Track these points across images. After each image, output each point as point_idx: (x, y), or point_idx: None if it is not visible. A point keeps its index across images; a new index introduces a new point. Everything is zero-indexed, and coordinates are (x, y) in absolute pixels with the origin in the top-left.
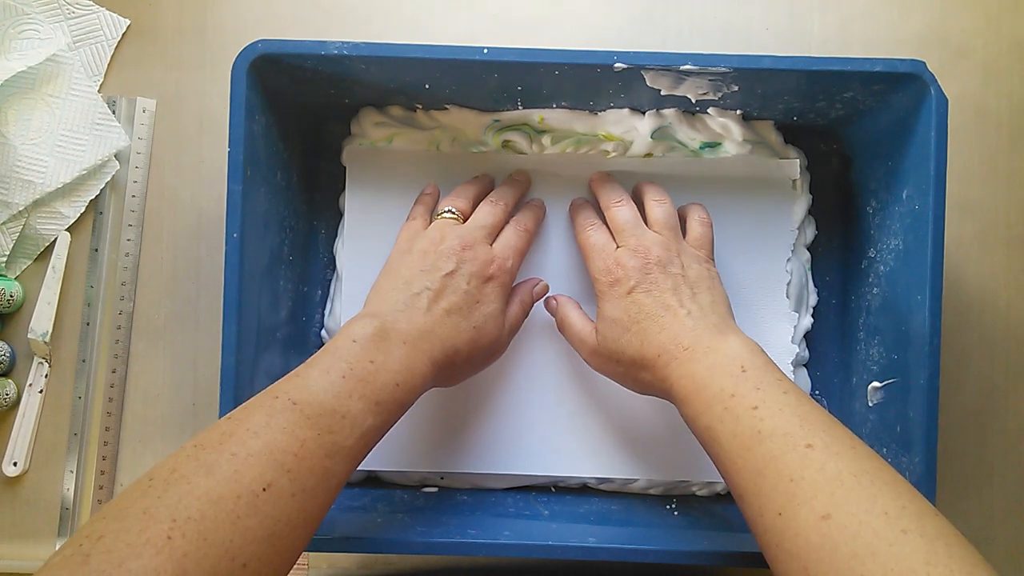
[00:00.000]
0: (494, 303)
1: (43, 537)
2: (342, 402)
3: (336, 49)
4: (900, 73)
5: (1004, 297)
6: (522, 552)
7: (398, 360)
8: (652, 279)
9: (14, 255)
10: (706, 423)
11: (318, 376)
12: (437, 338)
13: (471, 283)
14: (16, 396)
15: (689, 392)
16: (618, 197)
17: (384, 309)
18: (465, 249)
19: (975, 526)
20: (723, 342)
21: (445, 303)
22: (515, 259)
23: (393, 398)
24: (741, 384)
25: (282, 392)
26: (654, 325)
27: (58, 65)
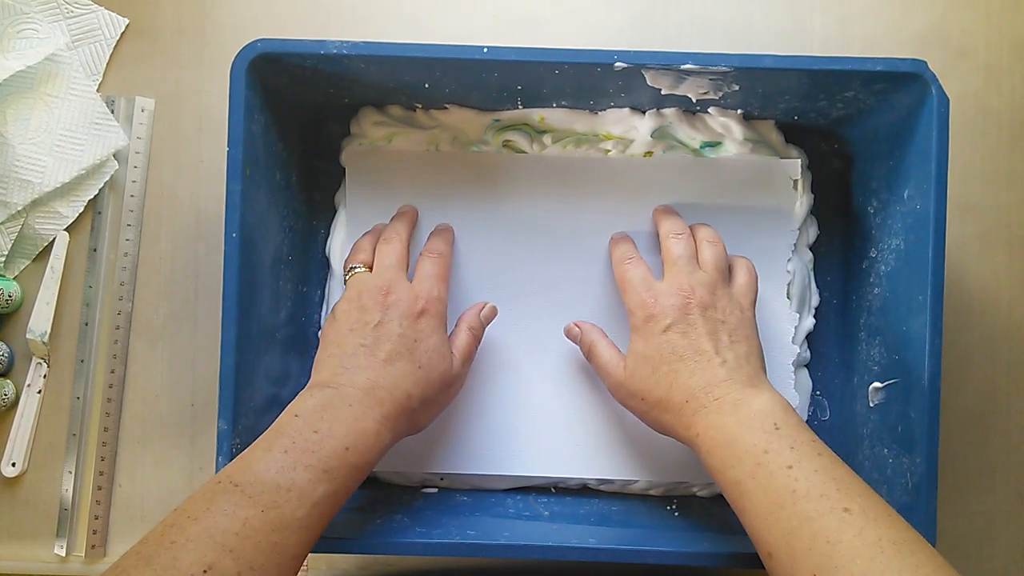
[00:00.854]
0: (433, 335)
1: (42, 538)
2: (286, 475)
3: (335, 48)
4: (901, 73)
5: (1006, 297)
6: (522, 553)
7: (344, 424)
8: (690, 320)
9: (12, 255)
10: (735, 477)
11: (260, 455)
12: (383, 390)
13: (403, 325)
14: (15, 396)
15: (717, 444)
16: (680, 230)
17: (324, 378)
18: (386, 295)
19: (976, 526)
20: (755, 396)
21: (383, 353)
22: (438, 286)
23: (345, 462)
24: (775, 441)
25: (224, 476)
26: (685, 368)
27: (57, 64)
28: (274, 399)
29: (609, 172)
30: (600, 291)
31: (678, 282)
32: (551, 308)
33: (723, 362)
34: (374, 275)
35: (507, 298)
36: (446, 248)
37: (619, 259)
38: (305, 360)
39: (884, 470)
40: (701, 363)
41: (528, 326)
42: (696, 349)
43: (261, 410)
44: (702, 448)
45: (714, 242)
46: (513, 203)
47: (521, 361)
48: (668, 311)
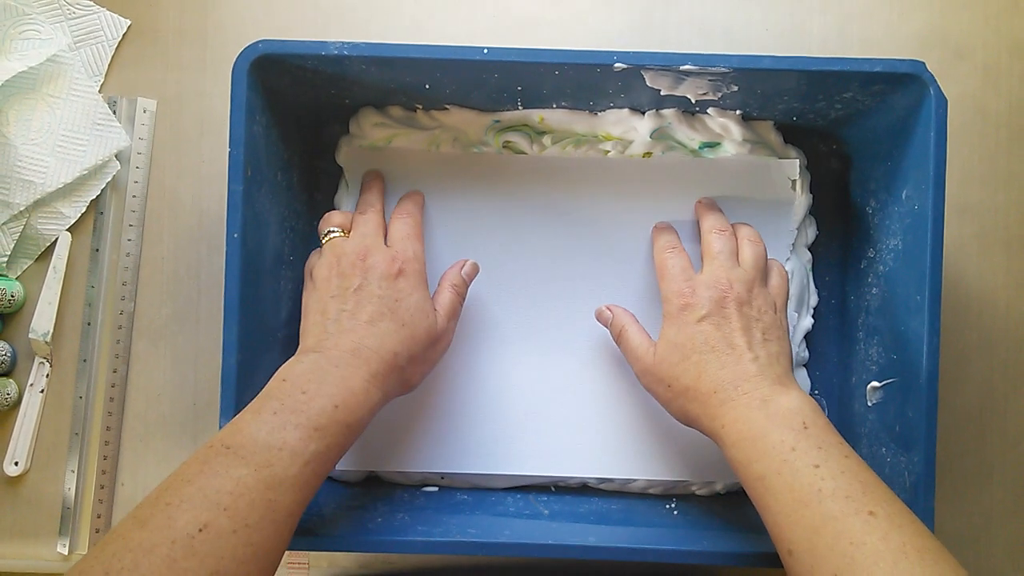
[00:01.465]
0: (414, 293)
1: (44, 537)
2: (276, 435)
3: (336, 49)
4: (900, 73)
5: (1003, 297)
6: (522, 552)
7: (332, 384)
8: (726, 313)
9: (15, 255)
10: (760, 472)
11: (250, 418)
12: (368, 350)
13: (383, 286)
14: (17, 396)
15: (743, 437)
16: (723, 226)
17: (310, 344)
18: (364, 259)
19: (974, 525)
20: (784, 394)
21: (365, 315)
22: (414, 244)
23: (334, 420)
24: (803, 440)
25: (216, 440)
26: (716, 360)
27: (59, 65)
28: None
29: (609, 173)
30: (600, 291)
31: (716, 275)
32: (551, 308)
33: (755, 358)
34: (351, 240)
35: (506, 298)
36: (415, 208)
37: (661, 247)
38: None
39: (882, 469)
40: (733, 357)
41: (528, 326)
42: (729, 342)
43: None
44: (727, 440)
45: (755, 241)
46: (513, 204)
47: (521, 361)
48: (704, 302)
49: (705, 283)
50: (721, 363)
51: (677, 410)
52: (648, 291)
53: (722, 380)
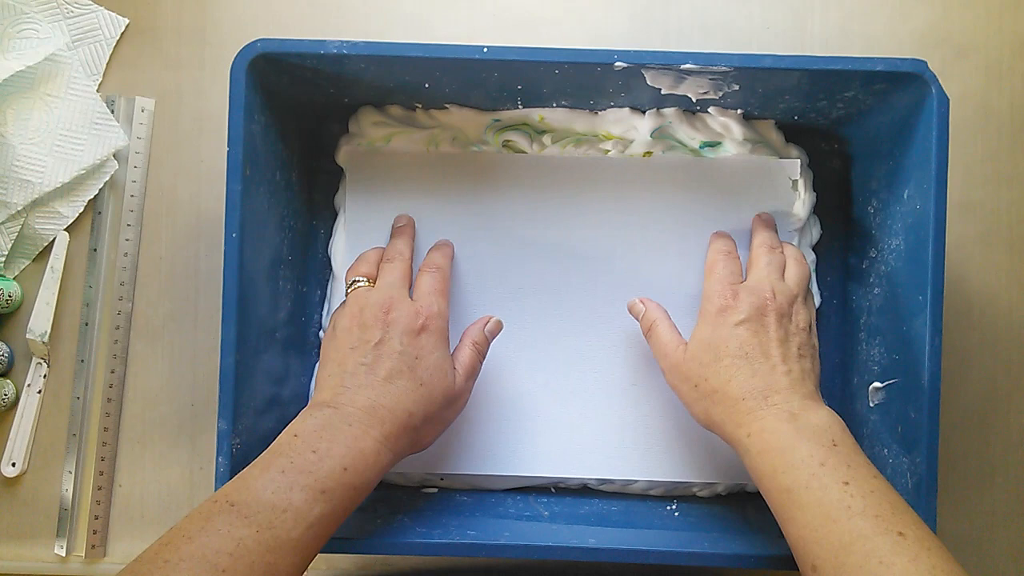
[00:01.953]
0: (435, 351)
1: (42, 538)
2: (282, 496)
3: (335, 48)
4: (901, 72)
5: (1006, 297)
6: (522, 553)
7: (343, 444)
8: (765, 321)
9: (12, 255)
10: (786, 484)
11: (258, 474)
12: (384, 409)
13: (403, 342)
14: (15, 396)
15: (770, 448)
16: (775, 243)
17: (325, 397)
18: (387, 312)
19: (977, 526)
20: (814, 411)
21: (383, 371)
22: (439, 301)
23: (342, 483)
24: (832, 456)
25: (221, 495)
26: (748, 367)
27: (57, 64)
28: (274, 399)
29: (609, 172)
30: (599, 291)
31: (761, 284)
32: (550, 308)
33: (788, 371)
34: (376, 291)
35: (506, 298)
36: (445, 262)
37: (716, 249)
38: (305, 360)
39: (884, 470)
40: (765, 366)
41: (527, 326)
42: (764, 351)
43: (261, 410)
44: (751, 449)
45: (801, 261)
46: (513, 203)
47: (521, 361)
48: (745, 307)
49: (748, 289)
50: (753, 370)
51: (700, 412)
52: (647, 291)
53: (752, 388)
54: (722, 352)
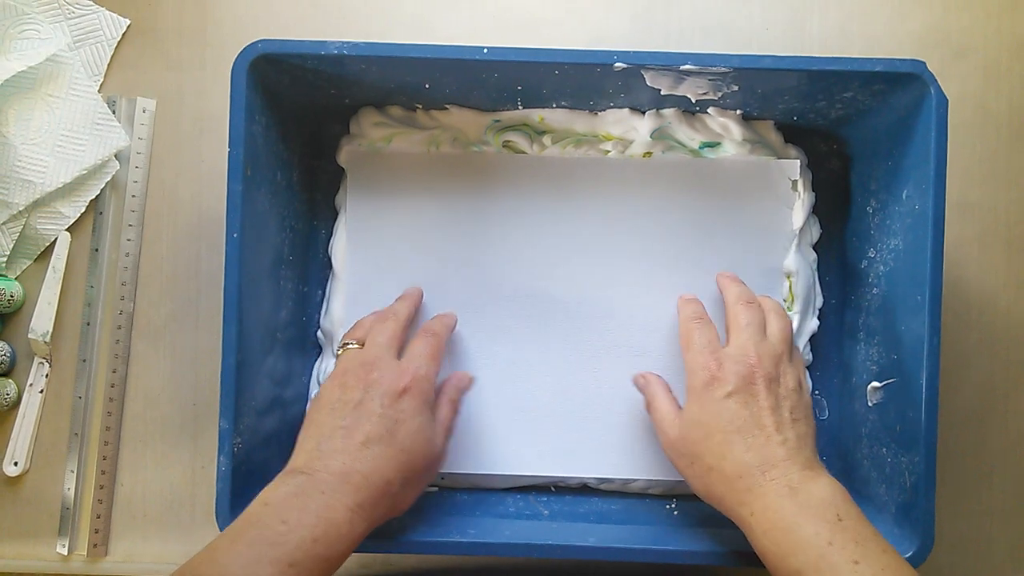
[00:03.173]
0: (418, 416)
1: (44, 537)
2: (250, 570)
3: (336, 49)
4: (900, 73)
5: (1004, 297)
6: (522, 552)
7: (314, 513)
8: (754, 391)
9: (14, 255)
10: (795, 567)
11: (227, 547)
12: (359, 475)
13: (384, 403)
14: (16, 396)
15: (775, 528)
16: (750, 298)
17: (300, 463)
18: (369, 372)
19: (975, 526)
20: (814, 482)
21: (360, 436)
22: (427, 364)
23: (312, 555)
24: (839, 533)
25: (188, 570)
26: (742, 441)
27: (58, 65)
28: (276, 399)
29: (609, 172)
30: (598, 292)
31: (744, 349)
32: (550, 308)
33: (783, 441)
34: (362, 351)
35: (505, 297)
36: (443, 331)
37: (687, 317)
38: (306, 360)
39: (883, 469)
40: (760, 438)
41: (527, 326)
42: (757, 422)
43: (263, 410)
44: (756, 529)
45: (781, 314)
46: (513, 203)
47: (521, 361)
48: (731, 377)
49: (732, 357)
50: (747, 445)
51: (701, 488)
52: (647, 291)
53: (748, 464)
54: (713, 428)
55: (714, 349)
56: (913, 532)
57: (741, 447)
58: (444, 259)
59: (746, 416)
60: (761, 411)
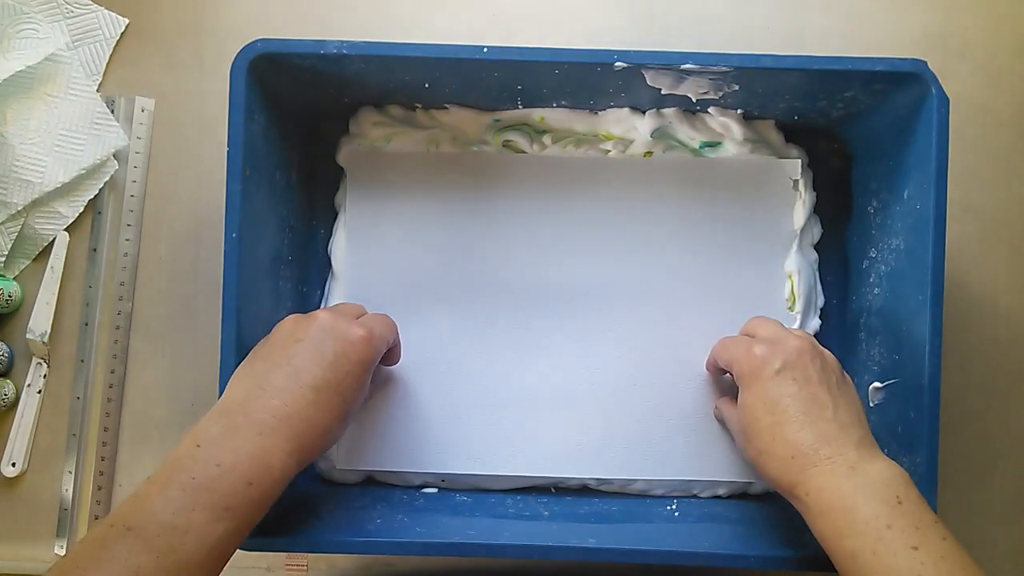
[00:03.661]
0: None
1: (42, 538)
2: (183, 517)
3: (335, 48)
4: (901, 73)
5: (1006, 297)
6: (522, 553)
7: (249, 455)
8: (802, 364)
9: (12, 255)
10: (851, 549)
11: (157, 492)
12: (301, 420)
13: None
14: (14, 396)
15: (832, 508)
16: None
17: (238, 399)
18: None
19: (976, 526)
20: (871, 462)
21: (308, 378)
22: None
23: (247, 499)
24: (899, 517)
25: (118, 519)
26: (794, 420)
27: (57, 64)
28: None
29: (609, 172)
30: (598, 291)
31: (779, 333)
32: (550, 307)
33: (834, 416)
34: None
35: (505, 298)
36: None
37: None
38: None
39: None
40: (812, 415)
41: (526, 326)
42: (810, 397)
43: None
44: (812, 510)
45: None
46: (513, 203)
47: (521, 361)
48: (778, 354)
49: (770, 340)
50: (800, 423)
51: (761, 473)
52: (647, 291)
53: (800, 443)
54: (762, 411)
55: (750, 342)
56: None
57: (793, 426)
58: (443, 258)
59: (797, 391)
60: (812, 385)
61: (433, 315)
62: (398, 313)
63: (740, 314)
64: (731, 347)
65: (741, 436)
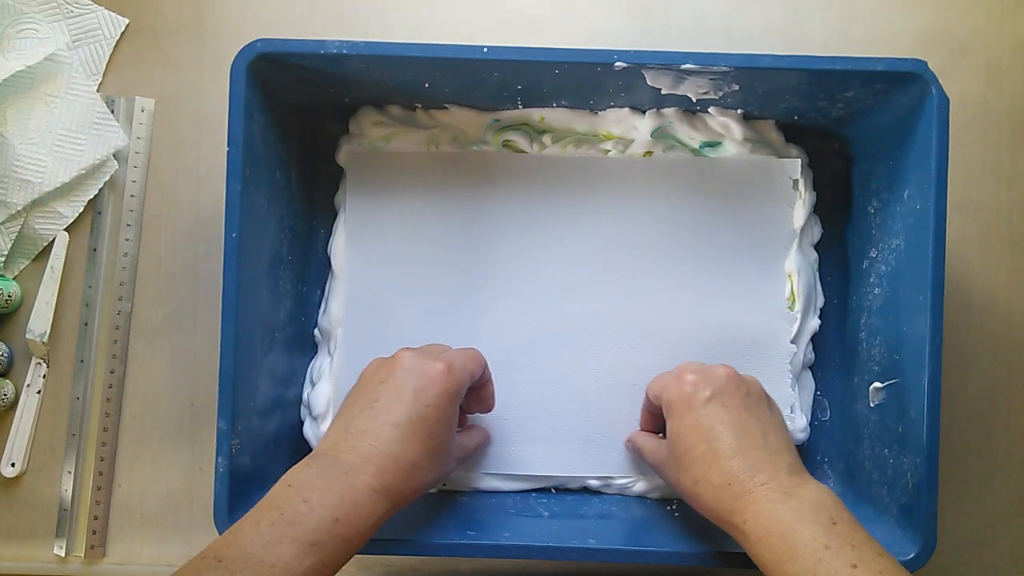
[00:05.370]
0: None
1: (41, 538)
2: (271, 550)
3: (335, 48)
4: (901, 72)
5: (1006, 297)
6: (522, 553)
7: (337, 494)
8: (730, 391)
9: (12, 255)
10: (792, 572)
11: (248, 528)
12: (385, 457)
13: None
14: (14, 396)
15: (770, 534)
16: None
17: (328, 444)
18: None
19: (977, 526)
20: (803, 486)
21: (390, 417)
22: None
23: (334, 535)
24: (835, 537)
25: (210, 551)
26: (728, 447)
27: (57, 64)
28: (276, 400)
29: (609, 172)
30: (598, 291)
31: (703, 366)
32: (550, 307)
33: (764, 444)
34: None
35: (505, 298)
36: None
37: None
38: (306, 360)
39: (885, 470)
40: (744, 442)
41: (526, 326)
42: (739, 425)
43: (263, 411)
44: (750, 537)
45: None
46: (513, 203)
47: (521, 361)
48: (709, 382)
49: (697, 371)
50: (732, 451)
51: (695, 503)
52: (647, 290)
53: (735, 471)
54: (697, 438)
55: (680, 370)
56: (915, 533)
57: (726, 454)
58: (443, 258)
59: (726, 418)
60: (739, 412)
61: (433, 314)
62: (397, 313)
63: (740, 314)
64: (662, 377)
65: (672, 466)
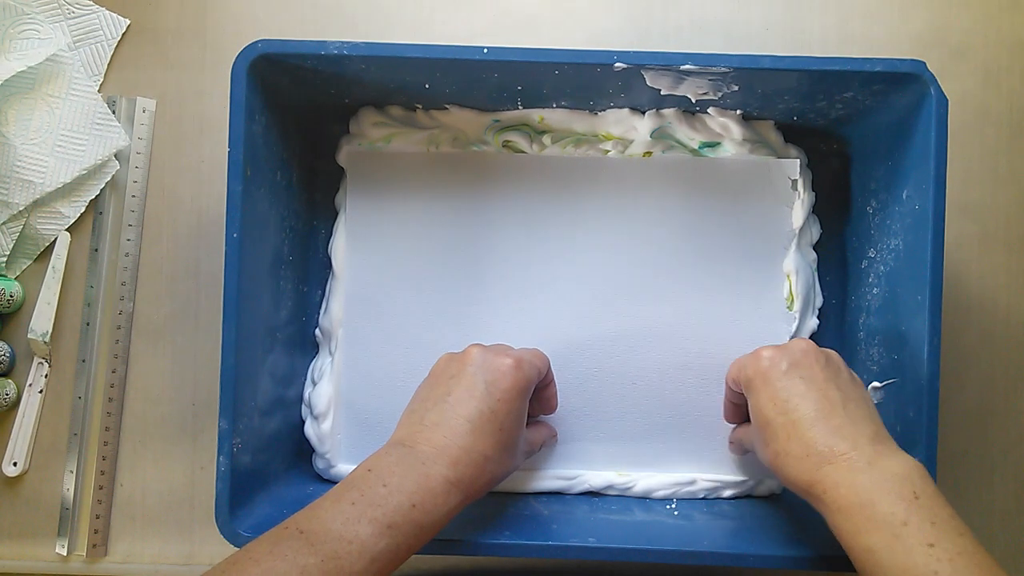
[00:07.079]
0: (518, 400)
1: (43, 537)
2: (350, 527)
3: (336, 49)
4: (900, 73)
5: (1004, 297)
6: (522, 552)
7: (414, 481)
8: (808, 363)
9: (14, 255)
10: (868, 545)
11: (329, 505)
12: (459, 450)
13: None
14: (16, 396)
15: (849, 504)
16: None
17: (403, 435)
18: (476, 352)
19: (976, 525)
20: (887, 457)
21: (463, 410)
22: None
23: (410, 520)
24: (914, 513)
25: (292, 522)
26: (806, 418)
27: (58, 65)
28: (277, 399)
29: (609, 172)
30: (597, 290)
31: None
32: (550, 307)
33: (846, 413)
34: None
35: (506, 297)
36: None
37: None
38: (307, 360)
39: None
40: (823, 412)
41: (527, 326)
42: (820, 394)
43: (264, 410)
44: (830, 507)
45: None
46: (513, 203)
47: None
48: (784, 355)
49: (775, 347)
50: (811, 421)
51: (783, 478)
52: (646, 290)
53: (814, 441)
54: (773, 412)
55: (757, 349)
56: None
57: (805, 424)
58: (444, 259)
59: (805, 389)
60: (819, 383)
61: (433, 314)
62: (397, 313)
63: (739, 313)
64: (738, 361)
65: (759, 443)
